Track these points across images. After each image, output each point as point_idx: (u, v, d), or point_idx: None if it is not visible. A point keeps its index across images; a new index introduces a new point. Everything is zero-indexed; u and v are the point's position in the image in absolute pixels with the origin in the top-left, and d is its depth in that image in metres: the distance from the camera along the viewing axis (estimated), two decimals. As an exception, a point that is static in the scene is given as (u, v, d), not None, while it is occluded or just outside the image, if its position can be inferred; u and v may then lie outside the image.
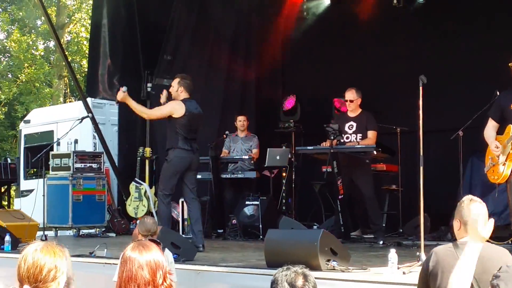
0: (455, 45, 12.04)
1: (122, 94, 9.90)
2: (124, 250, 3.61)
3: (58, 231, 13.06)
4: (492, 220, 4.51)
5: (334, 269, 6.67)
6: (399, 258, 6.47)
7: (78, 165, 13.11)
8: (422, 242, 7.18)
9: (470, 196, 4.74)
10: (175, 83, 9.92)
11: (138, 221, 12.99)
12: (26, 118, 18.04)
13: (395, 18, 12.60)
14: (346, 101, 10.64)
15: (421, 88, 7.69)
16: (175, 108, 9.76)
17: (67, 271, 3.33)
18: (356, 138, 10.42)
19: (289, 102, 12.77)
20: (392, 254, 6.40)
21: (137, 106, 10.03)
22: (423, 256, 6.52)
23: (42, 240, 8.45)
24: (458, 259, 4.27)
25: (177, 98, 9.83)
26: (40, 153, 12.39)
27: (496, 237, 6.26)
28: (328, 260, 6.70)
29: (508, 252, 4.58)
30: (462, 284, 4.12)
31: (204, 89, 14.20)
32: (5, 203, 18.76)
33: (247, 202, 11.68)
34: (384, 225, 10.83)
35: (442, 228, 10.49)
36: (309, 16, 13.51)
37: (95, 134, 15.09)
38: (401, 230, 11.10)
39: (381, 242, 9.83)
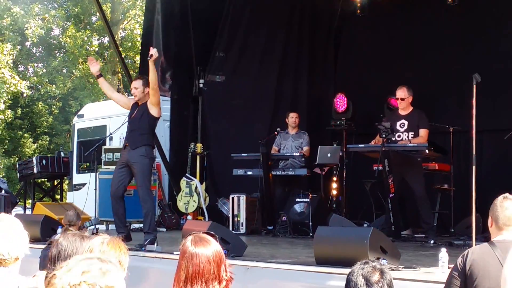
0: (510, 44, 11.86)
1: (156, 52, 9.53)
2: (183, 244, 3.58)
3: (109, 225, 13.17)
4: None
5: (383, 268, 6.61)
6: (450, 257, 6.40)
7: (130, 160, 13.18)
8: (474, 242, 7.10)
9: (505, 194, 4.69)
10: (140, 84, 9.64)
11: (188, 217, 13.17)
12: (79, 113, 18.17)
13: (451, 16, 12.47)
14: (397, 99, 10.56)
15: (474, 86, 7.62)
16: (160, 107, 9.72)
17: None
18: (408, 136, 10.32)
19: (341, 104, 12.70)
20: (443, 253, 6.32)
21: (154, 73, 9.45)
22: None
23: (93, 233, 8.54)
24: (496, 258, 4.28)
25: (143, 100, 9.64)
26: (92, 148, 12.52)
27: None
28: (378, 258, 6.64)
29: None
30: None
31: (257, 86, 14.24)
32: (57, 196, 19.02)
33: (297, 199, 11.66)
34: (435, 224, 10.69)
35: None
36: (363, 14, 13.43)
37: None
38: (452, 230, 10.96)
39: (432, 242, 9.69)
